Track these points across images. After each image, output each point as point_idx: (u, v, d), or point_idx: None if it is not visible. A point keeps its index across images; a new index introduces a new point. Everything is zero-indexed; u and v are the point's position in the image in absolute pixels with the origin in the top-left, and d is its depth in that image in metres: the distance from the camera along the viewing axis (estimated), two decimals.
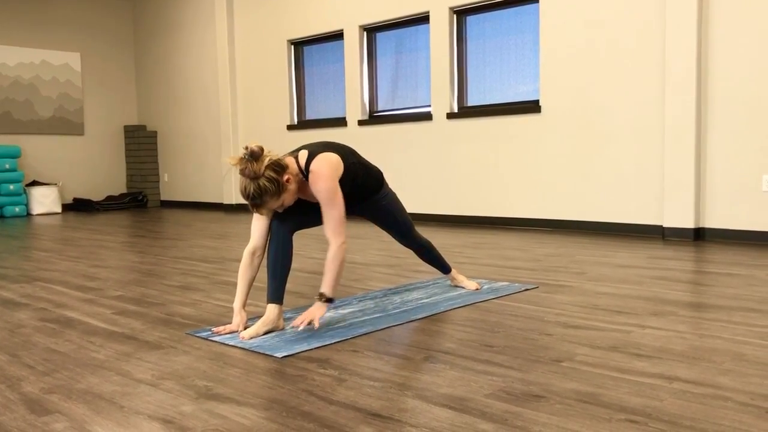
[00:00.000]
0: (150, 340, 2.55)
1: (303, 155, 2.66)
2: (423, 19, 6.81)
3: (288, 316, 2.88)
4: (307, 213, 2.76)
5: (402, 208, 3.11)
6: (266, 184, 2.44)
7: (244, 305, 2.70)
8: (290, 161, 2.62)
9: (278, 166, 2.47)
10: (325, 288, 2.56)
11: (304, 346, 2.40)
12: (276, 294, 2.62)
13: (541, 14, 5.85)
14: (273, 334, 2.59)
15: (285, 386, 2.00)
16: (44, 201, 9.23)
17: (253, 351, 2.38)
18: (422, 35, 6.87)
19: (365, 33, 7.35)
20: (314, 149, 2.68)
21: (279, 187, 2.47)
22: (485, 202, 6.37)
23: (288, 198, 2.55)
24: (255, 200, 2.47)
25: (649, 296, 3.14)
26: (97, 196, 10.23)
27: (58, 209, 9.38)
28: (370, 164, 2.96)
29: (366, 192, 2.91)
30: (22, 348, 2.49)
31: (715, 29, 4.91)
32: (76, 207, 9.84)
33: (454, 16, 6.55)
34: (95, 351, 2.43)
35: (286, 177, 2.49)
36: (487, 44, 6.37)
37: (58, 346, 2.51)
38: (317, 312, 2.53)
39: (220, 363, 2.25)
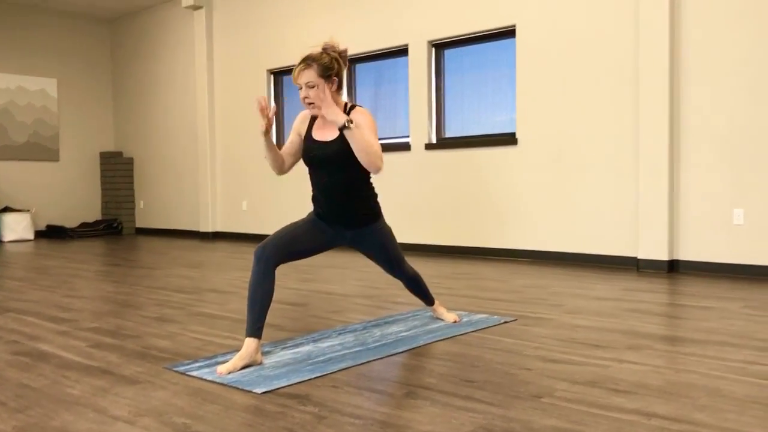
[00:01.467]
0: (127, 375, 2.52)
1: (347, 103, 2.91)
2: (402, 51, 6.89)
3: (266, 350, 2.86)
4: (295, 243, 2.75)
5: (396, 243, 3.12)
6: (327, 59, 2.73)
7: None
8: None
9: (342, 67, 2.79)
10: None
11: (284, 382, 2.38)
12: (254, 328, 2.61)
13: (518, 49, 5.96)
14: (251, 368, 2.57)
15: (265, 423, 1.98)
16: (16, 228, 9.09)
17: (231, 386, 2.36)
18: (401, 68, 6.95)
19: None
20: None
21: (330, 70, 2.73)
22: (463, 233, 6.41)
23: (319, 94, 2.65)
24: (308, 59, 2.73)
25: (625, 329, 3.17)
26: (71, 222, 10.11)
27: (31, 236, 9.24)
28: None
29: (366, 211, 2.92)
30: None
31: (687, 67, 5.04)
32: (50, 234, 9.70)
33: (433, 49, 6.64)
34: (70, 386, 2.39)
35: (335, 80, 2.77)
36: (465, 77, 6.46)
37: (31, 381, 2.46)
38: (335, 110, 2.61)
39: (199, 399, 2.22)
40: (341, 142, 2.76)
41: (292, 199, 7.91)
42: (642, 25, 5.15)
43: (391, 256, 3.09)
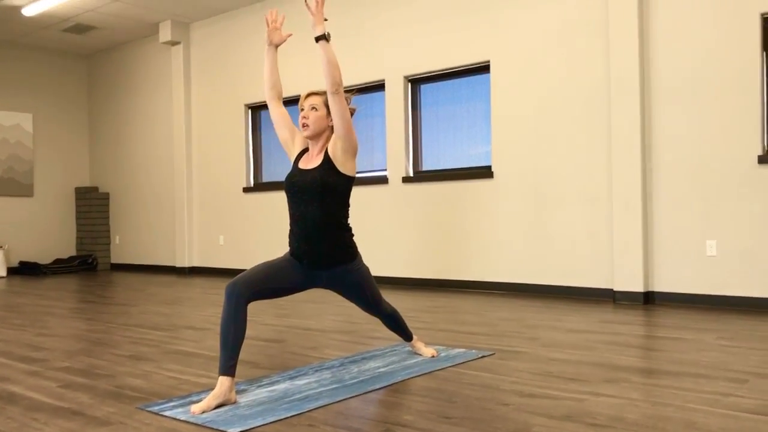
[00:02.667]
0: (98, 416, 2.47)
1: None
2: (379, 87, 6.97)
3: (241, 388, 2.82)
4: (267, 281, 2.74)
5: (373, 283, 3.10)
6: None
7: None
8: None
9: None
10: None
11: (259, 421, 2.35)
12: (227, 366, 2.58)
13: (492, 84, 6.06)
14: (226, 407, 2.53)
15: None
16: None
17: (205, 426, 2.32)
18: (378, 102, 7.02)
19: None
20: None
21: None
22: (440, 266, 6.42)
23: (319, 117, 2.91)
24: (322, 90, 2.98)
25: (601, 362, 3.18)
26: (45, 259, 9.96)
27: (3, 273, 9.09)
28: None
29: (342, 248, 2.90)
30: None
31: (659, 103, 5.15)
32: (23, 271, 9.54)
33: (409, 84, 6.72)
34: (39, 429, 2.33)
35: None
36: (441, 111, 6.54)
37: None
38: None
39: None
40: (322, 170, 2.83)
41: (270, 234, 7.89)
42: (613, 63, 5.27)
43: (368, 296, 3.07)
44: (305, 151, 2.99)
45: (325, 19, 2.77)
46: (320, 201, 2.82)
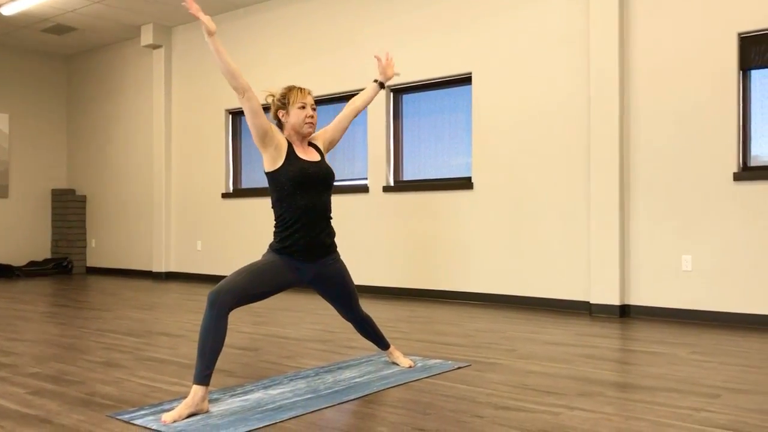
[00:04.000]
0: (66, 424, 2.42)
1: None
2: None
3: (214, 397, 2.79)
4: (252, 287, 2.70)
5: (350, 277, 3.16)
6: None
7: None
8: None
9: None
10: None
11: (230, 431, 2.32)
12: (202, 375, 2.55)
13: (474, 96, 6.09)
14: (197, 417, 2.50)
15: None
16: None
17: None
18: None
19: None
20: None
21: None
22: (419, 275, 6.42)
23: (316, 114, 2.98)
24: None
25: (577, 375, 3.19)
26: (19, 261, 9.81)
27: None
28: None
29: (333, 235, 3.00)
30: None
31: (637, 119, 5.20)
32: None
33: (391, 94, 6.73)
34: None
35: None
36: (422, 121, 6.55)
37: None
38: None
39: None
40: (325, 161, 3.02)
41: (248, 241, 7.83)
42: (593, 78, 5.32)
43: (350, 289, 3.12)
44: (290, 143, 2.95)
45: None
46: (328, 192, 2.98)
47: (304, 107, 2.93)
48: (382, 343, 3.37)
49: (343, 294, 3.10)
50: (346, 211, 6.93)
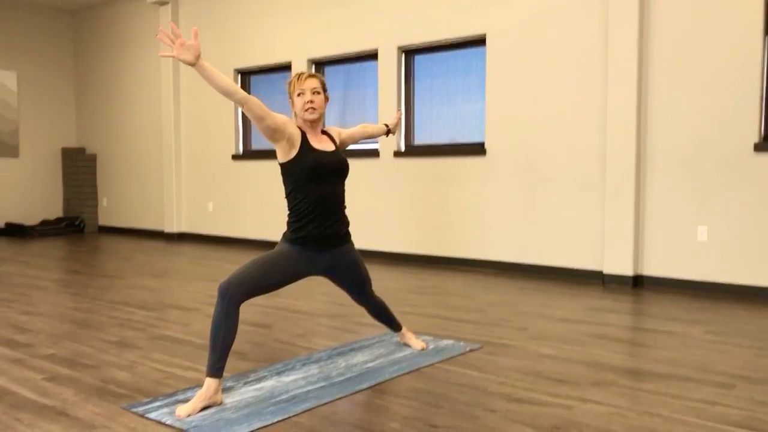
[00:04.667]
0: (82, 417, 2.44)
1: None
2: (372, 56, 6.83)
3: (228, 385, 2.80)
4: (263, 279, 2.68)
5: (364, 263, 3.14)
6: (323, 79, 2.94)
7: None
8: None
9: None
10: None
11: (245, 428, 2.33)
12: (215, 368, 2.55)
13: (488, 58, 5.94)
14: (212, 410, 2.51)
15: None
16: None
17: None
18: (370, 72, 6.89)
19: (313, 66, 7.33)
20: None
21: (325, 87, 2.93)
22: (430, 242, 6.39)
23: (321, 102, 2.87)
24: (310, 72, 2.94)
25: (590, 360, 3.18)
26: (31, 220, 9.86)
27: None
28: None
29: (347, 224, 2.98)
30: None
31: (656, 85, 5.07)
32: (9, 232, 9.45)
33: (403, 55, 6.59)
34: None
35: (327, 98, 2.95)
36: (435, 84, 6.42)
37: None
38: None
39: None
40: (340, 151, 2.97)
41: (258, 203, 7.81)
42: (611, 41, 5.17)
43: (364, 275, 3.11)
44: (304, 133, 2.89)
45: None
46: (342, 182, 2.94)
47: (301, 94, 2.85)
48: (395, 325, 3.36)
49: (357, 282, 3.08)
50: (357, 177, 6.88)
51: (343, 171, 2.92)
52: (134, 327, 3.88)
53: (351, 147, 6.97)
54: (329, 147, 2.93)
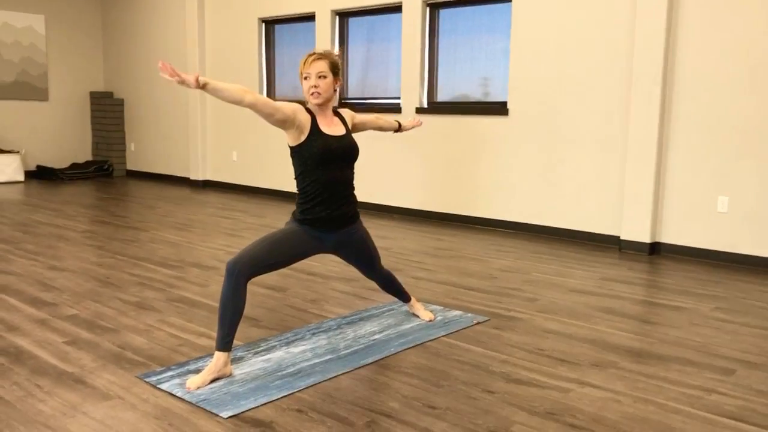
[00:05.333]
0: (98, 386, 2.58)
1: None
2: (396, 8, 6.71)
3: (239, 354, 2.91)
4: (269, 257, 2.74)
5: (372, 241, 3.19)
6: (336, 58, 2.90)
7: None
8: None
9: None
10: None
11: (251, 403, 2.44)
12: (224, 342, 2.65)
13: (513, 15, 5.81)
14: (221, 382, 2.63)
15: None
16: (6, 170, 9.06)
17: (199, 407, 2.42)
18: (394, 25, 6.79)
19: (337, 17, 7.24)
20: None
21: (337, 68, 2.89)
22: (449, 200, 6.41)
23: (328, 86, 2.84)
24: (320, 52, 2.84)
25: (594, 338, 3.23)
26: (61, 163, 10.06)
27: (21, 177, 9.22)
28: None
29: (356, 204, 3.02)
30: None
31: (683, 51, 4.93)
32: (40, 175, 9.67)
33: (427, 8, 6.47)
34: (42, 400, 2.45)
35: (339, 80, 2.92)
36: (459, 40, 6.32)
37: (5, 391, 2.52)
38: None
39: (165, 424, 2.28)
40: (350, 135, 2.98)
41: (281, 153, 7.86)
42: (640, 6, 5.01)
43: (372, 253, 3.17)
44: (314, 117, 2.90)
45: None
46: (352, 165, 2.97)
47: (308, 77, 2.83)
48: (404, 297, 3.43)
49: (365, 259, 3.14)
50: (379, 133, 6.85)
51: (351, 156, 2.93)
52: (154, 287, 4.01)
53: (372, 101, 6.94)
54: (339, 131, 2.93)
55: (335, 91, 2.94)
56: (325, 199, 2.86)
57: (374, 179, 6.93)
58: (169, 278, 4.22)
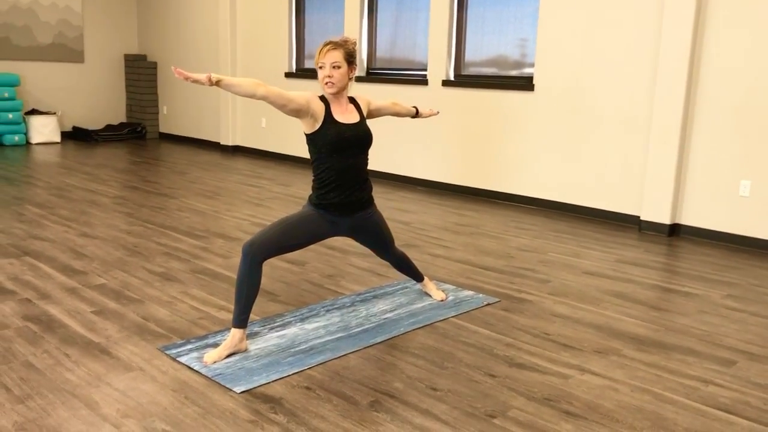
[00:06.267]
0: (122, 357, 2.74)
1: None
2: None
3: (255, 329, 3.06)
4: (284, 240, 2.86)
5: (386, 224, 3.27)
6: (352, 45, 2.93)
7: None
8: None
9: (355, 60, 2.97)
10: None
11: (263, 379, 2.59)
12: (239, 319, 2.79)
13: None
14: (236, 357, 2.77)
15: None
16: (43, 130, 9.30)
17: (214, 381, 2.57)
18: None
19: None
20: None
21: (353, 57, 2.92)
22: (472, 174, 6.45)
23: (343, 76, 2.88)
24: (335, 42, 2.87)
25: (600, 323, 3.30)
26: (96, 124, 10.28)
27: (57, 138, 9.46)
28: None
29: (371, 190, 3.09)
30: (2, 360, 2.69)
31: (712, 32, 4.86)
32: (76, 136, 9.92)
33: None
34: (69, 369, 2.62)
35: (355, 67, 2.95)
36: (488, 13, 6.28)
37: (36, 359, 2.70)
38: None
39: (182, 397, 2.44)
40: (364, 122, 3.04)
41: None
42: None
43: (386, 236, 3.25)
44: (328, 105, 2.98)
45: None
46: (366, 150, 3.04)
47: (322, 67, 2.88)
48: (417, 277, 3.53)
49: (379, 242, 3.23)
50: (404, 104, 6.88)
51: (365, 143, 3.00)
52: (179, 257, 4.17)
53: (399, 72, 6.96)
54: (353, 118, 3.00)
55: (351, 79, 2.98)
56: (339, 186, 2.95)
57: (400, 151, 6.99)
58: (194, 248, 4.38)
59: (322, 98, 2.94)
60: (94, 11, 9.99)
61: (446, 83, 6.52)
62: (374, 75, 7.25)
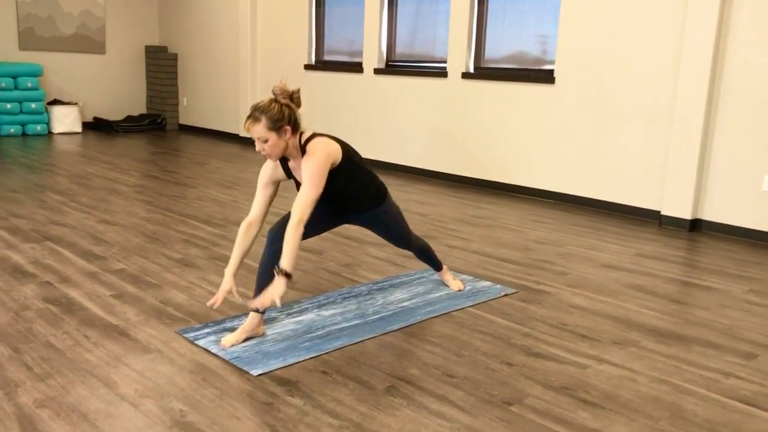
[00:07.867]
0: (140, 339, 2.76)
1: (307, 134, 2.72)
2: None
3: (272, 315, 3.07)
4: (308, 226, 2.84)
5: (402, 221, 3.19)
6: (276, 109, 2.58)
7: (235, 273, 2.77)
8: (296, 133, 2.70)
9: (294, 111, 2.63)
10: (284, 263, 2.54)
11: (280, 362, 2.59)
12: None
13: None
14: (254, 341, 2.78)
15: (252, 418, 2.20)
16: (65, 120, 9.39)
17: (231, 364, 2.58)
18: None
19: None
20: (320, 135, 2.75)
21: (279, 122, 2.58)
22: (490, 167, 6.42)
23: (274, 145, 2.60)
24: (257, 111, 2.57)
25: (619, 315, 3.27)
26: (117, 115, 10.37)
27: (79, 128, 9.55)
28: (376, 176, 3.03)
29: (364, 199, 2.96)
30: (23, 340, 2.72)
31: (736, 25, 4.79)
32: (97, 126, 10.00)
33: None
34: (89, 350, 2.65)
35: (289, 127, 2.61)
36: (508, 5, 6.24)
37: (56, 339, 2.73)
38: (277, 289, 2.49)
39: (199, 378, 2.45)
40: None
41: (328, 113, 7.95)
42: None
43: (397, 234, 3.21)
44: (286, 160, 2.82)
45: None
46: (336, 197, 2.94)
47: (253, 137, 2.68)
48: (436, 266, 3.52)
49: (396, 236, 3.20)
50: (424, 96, 6.88)
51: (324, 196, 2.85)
52: (198, 244, 4.20)
53: (418, 65, 6.95)
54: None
55: (292, 137, 2.67)
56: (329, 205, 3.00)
57: (420, 143, 6.98)
58: (212, 236, 4.40)
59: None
60: (116, 3, 10.07)
61: (466, 75, 6.49)
62: (394, 67, 7.23)
